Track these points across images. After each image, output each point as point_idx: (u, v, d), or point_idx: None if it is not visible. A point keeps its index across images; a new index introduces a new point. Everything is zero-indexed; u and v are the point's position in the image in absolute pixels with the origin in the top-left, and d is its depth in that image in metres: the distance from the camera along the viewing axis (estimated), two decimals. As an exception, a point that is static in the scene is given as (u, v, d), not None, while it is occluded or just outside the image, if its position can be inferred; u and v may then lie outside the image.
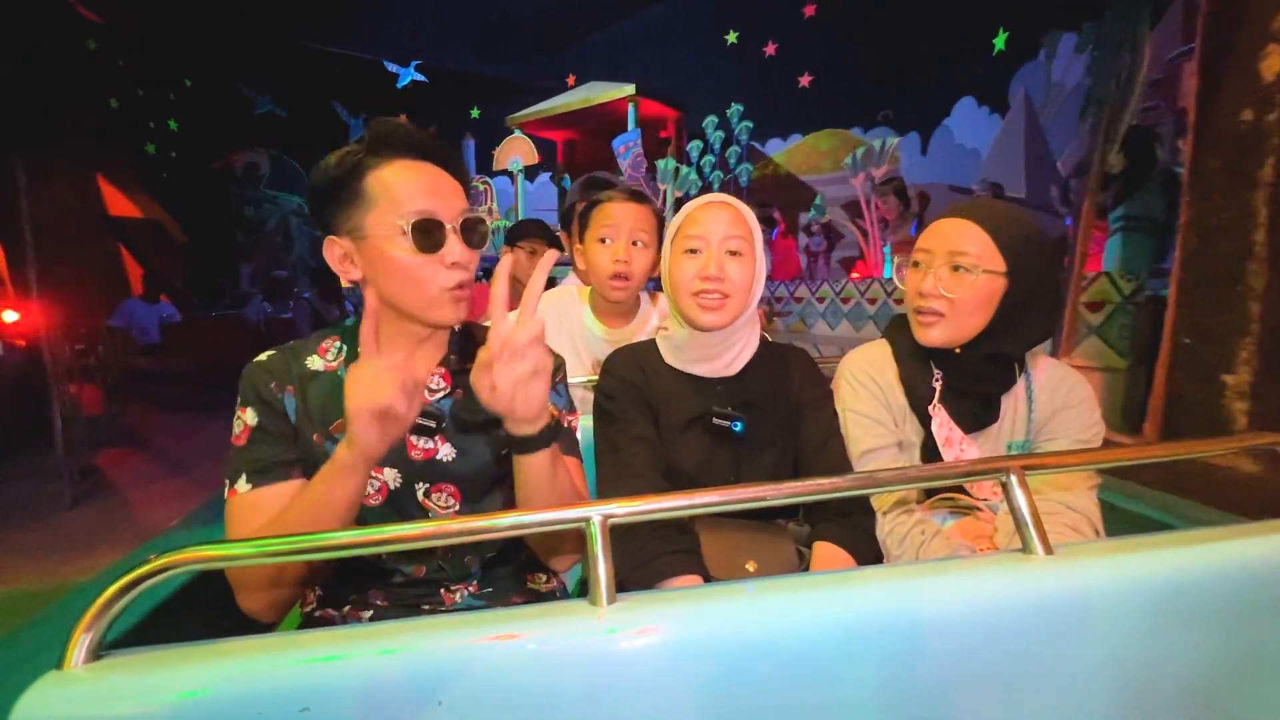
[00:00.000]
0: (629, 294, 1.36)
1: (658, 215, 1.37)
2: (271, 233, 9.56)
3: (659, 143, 7.51)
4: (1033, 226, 0.95)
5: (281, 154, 9.63)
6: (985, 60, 5.63)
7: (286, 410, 0.81)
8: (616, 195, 1.35)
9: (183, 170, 8.75)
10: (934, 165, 6.30)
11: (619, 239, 1.31)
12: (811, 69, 7.26)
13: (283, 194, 9.69)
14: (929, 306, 0.96)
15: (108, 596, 0.52)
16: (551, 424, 0.74)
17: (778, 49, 7.45)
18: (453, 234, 0.77)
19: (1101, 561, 0.62)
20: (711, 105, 7.47)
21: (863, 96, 6.88)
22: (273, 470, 0.78)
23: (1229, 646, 0.63)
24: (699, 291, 0.95)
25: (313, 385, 0.83)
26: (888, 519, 0.99)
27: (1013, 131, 5.36)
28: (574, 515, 0.58)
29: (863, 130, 6.97)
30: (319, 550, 0.57)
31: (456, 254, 0.77)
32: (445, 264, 0.77)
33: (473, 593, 0.90)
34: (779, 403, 1.02)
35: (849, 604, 0.58)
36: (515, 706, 0.53)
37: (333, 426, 0.82)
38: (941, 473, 0.74)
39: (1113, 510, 1.00)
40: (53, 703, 0.49)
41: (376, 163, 0.76)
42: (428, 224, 0.76)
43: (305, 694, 0.51)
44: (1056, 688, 0.59)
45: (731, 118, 7.17)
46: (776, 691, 0.55)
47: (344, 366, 0.85)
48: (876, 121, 6.85)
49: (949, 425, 0.98)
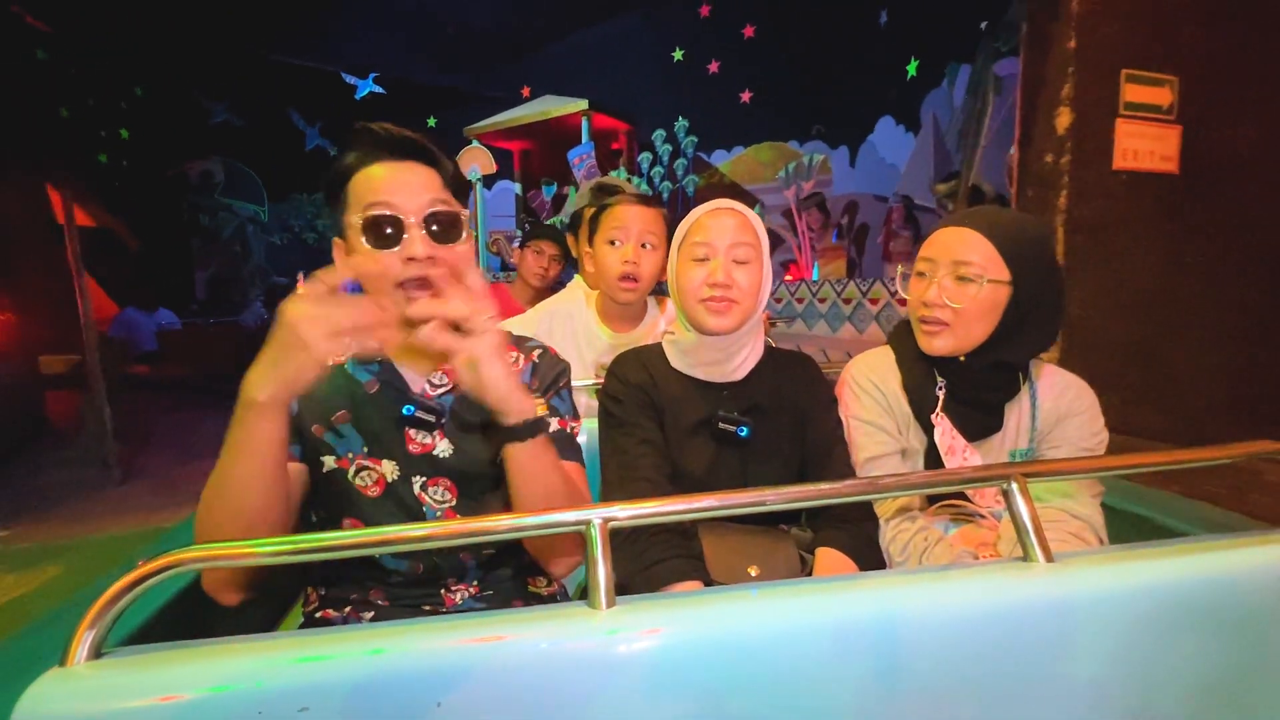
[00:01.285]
0: (638, 295, 1.37)
1: (666, 218, 1.38)
2: (228, 241, 9.58)
3: (611, 154, 7.95)
4: (1036, 233, 0.95)
5: (236, 162, 9.67)
6: (901, 84, 6.26)
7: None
8: (625, 198, 1.38)
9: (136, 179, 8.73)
10: (861, 177, 6.90)
11: (628, 241, 1.33)
12: (751, 86, 7.72)
13: (238, 202, 9.72)
14: (933, 316, 0.96)
15: (110, 595, 0.52)
16: (538, 418, 0.75)
17: (720, 67, 7.89)
18: (414, 228, 0.76)
19: (1102, 570, 0.61)
20: (660, 119, 7.94)
21: (798, 113, 7.39)
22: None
23: (1231, 655, 0.62)
24: (707, 298, 0.96)
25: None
26: (890, 526, 0.98)
27: (923, 149, 6.03)
28: (574, 518, 0.58)
29: (799, 143, 7.49)
30: (321, 550, 0.56)
31: (416, 248, 0.75)
32: (402, 258, 0.75)
33: (473, 595, 0.90)
34: (785, 408, 1.02)
35: (851, 610, 0.58)
36: (514, 709, 0.52)
37: (334, 417, 0.84)
38: (944, 479, 0.73)
39: (1113, 513, 0.99)
40: (54, 700, 0.49)
41: (358, 165, 0.78)
42: (381, 219, 0.75)
43: (304, 693, 0.50)
44: (1057, 696, 0.59)
45: (679, 132, 7.69)
46: (777, 697, 0.55)
47: (351, 360, 0.87)
48: (811, 135, 7.35)
49: (952, 433, 0.97)
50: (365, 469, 0.84)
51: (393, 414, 0.85)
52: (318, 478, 0.84)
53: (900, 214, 5.65)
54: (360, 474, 0.83)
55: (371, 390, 0.86)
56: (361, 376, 0.87)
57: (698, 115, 7.80)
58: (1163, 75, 2.43)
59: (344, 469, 0.83)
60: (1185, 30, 2.44)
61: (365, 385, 0.86)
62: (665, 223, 1.36)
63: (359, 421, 0.84)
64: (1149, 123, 2.44)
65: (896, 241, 5.56)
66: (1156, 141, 2.46)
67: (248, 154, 9.62)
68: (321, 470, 0.83)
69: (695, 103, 7.93)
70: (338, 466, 0.83)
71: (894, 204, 5.72)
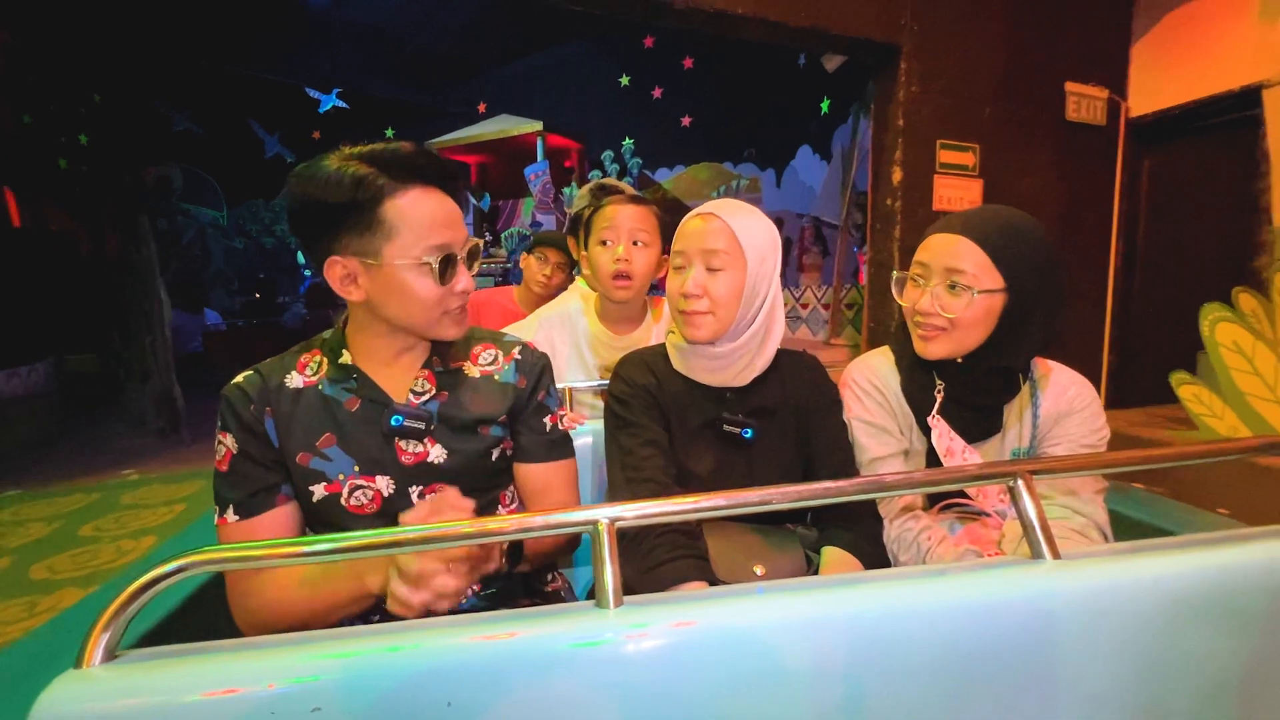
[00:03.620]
0: (633, 293, 1.36)
1: (659, 216, 1.38)
2: (188, 246, 9.76)
3: (564, 171, 8.48)
4: (1031, 236, 0.92)
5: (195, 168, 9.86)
6: (817, 118, 7.16)
7: (268, 434, 0.80)
8: (616, 198, 1.37)
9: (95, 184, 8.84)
10: (786, 196, 7.69)
11: (619, 240, 1.32)
12: (691, 111, 8.32)
13: (196, 207, 9.91)
14: (928, 322, 0.95)
15: (125, 597, 0.53)
16: (511, 559, 0.75)
17: (663, 93, 8.45)
18: (462, 262, 0.79)
19: (1111, 567, 0.61)
20: (608, 139, 8.51)
21: (732, 137, 8.06)
22: (257, 500, 0.78)
23: (1240, 653, 0.62)
24: (682, 309, 0.95)
25: (293, 404, 0.81)
26: (894, 525, 0.97)
27: (833, 175, 7.01)
28: (581, 518, 0.58)
29: (733, 164, 8.14)
30: (331, 553, 0.57)
31: (464, 282, 0.79)
32: (455, 290, 0.79)
33: (477, 592, 0.89)
34: (789, 409, 1.01)
35: (858, 608, 0.58)
36: (523, 707, 0.53)
37: (319, 442, 0.80)
38: (948, 477, 0.73)
39: (1113, 517, 0.98)
40: (70, 701, 0.49)
41: (394, 190, 0.75)
42: (448, 258, 0.77)
43: (316, 693, 0.51)
44: (1065, 694, 0.58)
45: (626, 152, 8.40)
46: (785, 695, 0.55)
47: (325, 381, 0.83)
48: (743, 158, 8.08)
49: (949, 435, 0.96)
50: (360, 488, 0.81)
51: (379, 428, 0.83)
52: (308, 508, 0.81)
53: (810, 233, 6.63)
54: (355, 494, 0.81)
55: (353, 408, 0.83)
56: (340, 396, 0.83)
57: (643, 136, 8.49)
58: (967, 144, 3.40)
59: (335, 493, 0.81)
60: (983, 111, 3.42)
61: (345, 404, 0.83)
62: (658, 220, 1.37)
63: (346, 442, 0.82)
64: (958, 177, 3.40)
65: (808, 255, 6.55)
66: (964, 190, 3.42)
67: (207, 160, 9.83)
68: (312, 500, 0.81)
69: (641, 125, 8.57)
70: (328, 493, 0.81)
71: (805, 224, 6.71)
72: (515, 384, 0.90)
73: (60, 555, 2.48)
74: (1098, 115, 3.70)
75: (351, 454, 0.81)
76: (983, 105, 3.42)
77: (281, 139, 10.23)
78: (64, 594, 2.19)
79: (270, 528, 0.78)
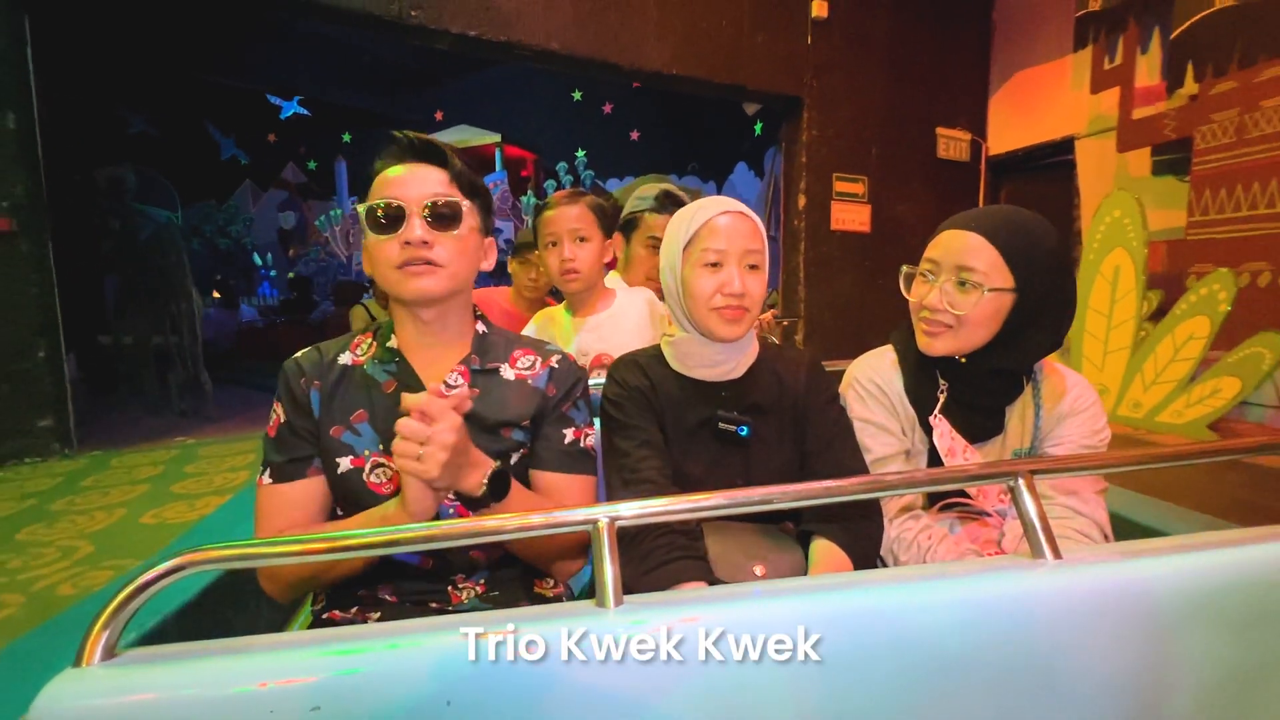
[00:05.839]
0: (584, 283, 1.42)
1: (594, 208, 1.42)
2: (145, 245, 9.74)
3: (521, 180, 8.99)
4: (1043, 237, 0.92)
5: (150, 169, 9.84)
6: (751, 139, 7.69)
7: (311, 406, 0.85)
8: (552, 201, 1.43)
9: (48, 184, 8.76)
10: None
11: (562, 240, 1.38)
12: (639, 126, 8.83)
13: (150, 207, 9.90)
14: (935, 319, 0.95)
15: (124, 596, 0.53)
16: (496, 482, 0.75)
17: (613, 108, 8.92)
18: (415, 215, 0.81)
19: (1112, 566, 0.61)
20: (562, 151, 8.95)
21: (677, 151, 8.61)
22: (291, 467, 0.84)
23: (1241, 653, 0.61)
24: (721, 307, 0.93)
25: (340, 379, 0.87)
26: (894, 525, 0.97)
27: (764, 192, 7.79)
28: (581, 517, 0.58)
29: (678, 176, 8.54)
30: (333, 550, 0.58)
31: (415, 233, 0.81)
32: (400, 242, 0.81)
33: (479, 594, 0.90)
34: (784, 405, 1.01)
35: (859, 606, 0.58)
36: (523, 707, 0.53)
37: (353, 417, 0.85)
38: (949, 476, 0.73)
39: (1113, 517, 0.97)
40: (69, 699, 0.49)
41: (381, 169, 0.85)
42: (387, 207, 0.81)
43: (316, 692, 0.51)
44: (1066, 694, 0.58)
45: (579, 164, 8.86)
46: (785, 695, 0.55)
47: (371, 360, 0.88)
48: (688, 171, 8.64)
49: (950, 435, 0.95)
50: (380, 466, 0.84)
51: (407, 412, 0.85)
52: (334, 480, 0.85)
53: (747, 242, 7.34)
54: (375, 471, 0.84)
55: (389, 390, 0.87)
56: (380, 376, 0.88)
57: (595, 148, 8.95)
58: (858, 176, 4.24)
59: (359, 468, 0.84)
60: (870, 150, 4.27)
61: (383, 385, 0.87)
62: (594, 210, 1.41)
63: (375, 420, 0.86)
64: (851, 203, 4.23)
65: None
66: (856, 214, 4.26)
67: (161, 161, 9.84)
68: (337, 472, 0.84)
69: (592, 138, 8.99)
70: (352, 466, 0.84)
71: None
72: (544, 390, 0.92)
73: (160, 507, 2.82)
74: (963, 153, 4.62)
75: (378, 431, 0.85)
76: (870, 145, 4.27)
77: (237, 141, 10.32)
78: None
79: (298, 495, 0.83)
